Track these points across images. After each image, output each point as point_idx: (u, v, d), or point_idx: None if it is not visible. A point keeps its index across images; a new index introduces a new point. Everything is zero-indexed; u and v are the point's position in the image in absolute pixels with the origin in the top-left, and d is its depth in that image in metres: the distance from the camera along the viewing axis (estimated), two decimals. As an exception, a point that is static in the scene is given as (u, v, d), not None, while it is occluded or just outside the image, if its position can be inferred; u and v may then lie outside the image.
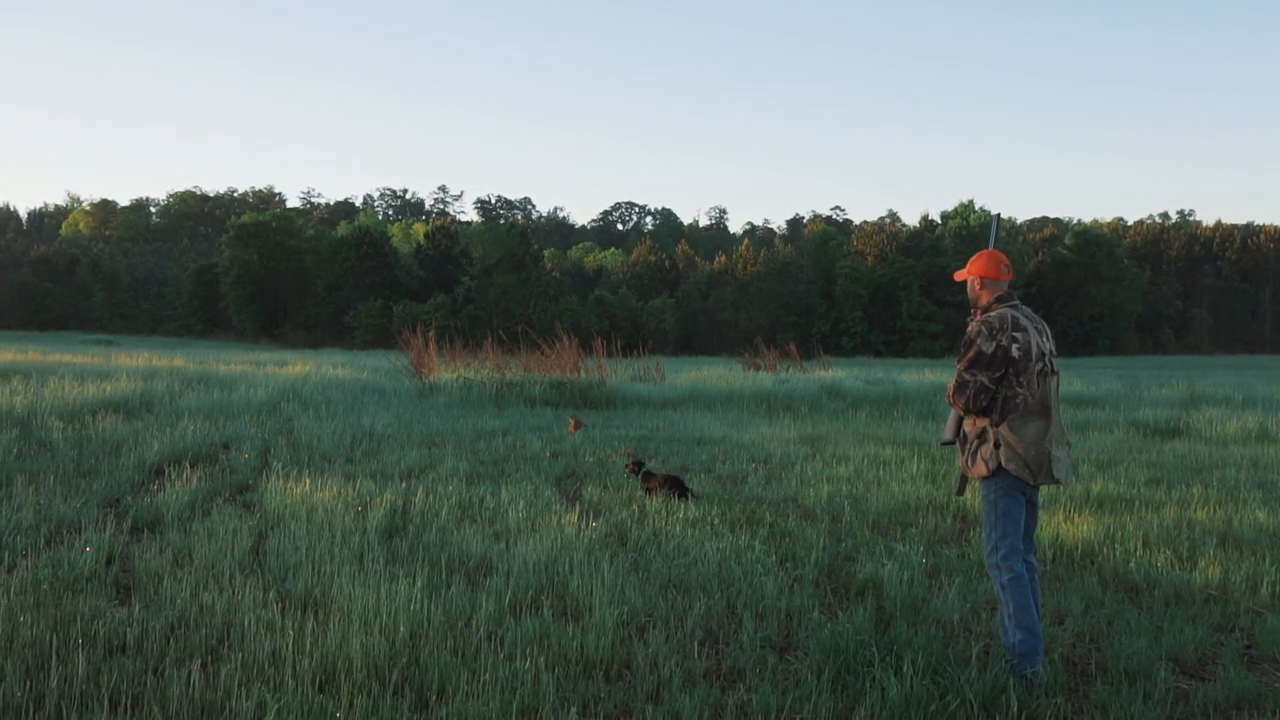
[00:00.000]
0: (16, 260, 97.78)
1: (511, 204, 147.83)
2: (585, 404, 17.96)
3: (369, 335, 73.30)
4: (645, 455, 11.33)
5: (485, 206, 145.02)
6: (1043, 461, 4.36)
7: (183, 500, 7.58)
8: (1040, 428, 4.36)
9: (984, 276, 4.62)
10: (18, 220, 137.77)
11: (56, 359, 24.92)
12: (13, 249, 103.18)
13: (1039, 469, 4.37)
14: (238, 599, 5.06)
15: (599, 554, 6.21)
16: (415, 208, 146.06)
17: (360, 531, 6.67)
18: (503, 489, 8.58)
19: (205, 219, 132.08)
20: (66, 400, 13.56)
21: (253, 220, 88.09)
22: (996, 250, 4.73)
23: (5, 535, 6.29)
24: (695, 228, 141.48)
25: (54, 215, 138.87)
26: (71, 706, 3.77)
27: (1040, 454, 4.36)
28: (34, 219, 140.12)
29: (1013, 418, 4.36)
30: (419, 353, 21.58)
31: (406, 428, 13.21)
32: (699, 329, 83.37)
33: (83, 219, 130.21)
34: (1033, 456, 4.35)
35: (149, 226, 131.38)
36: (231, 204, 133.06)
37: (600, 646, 4.56)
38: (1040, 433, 4.35)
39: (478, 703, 3.91)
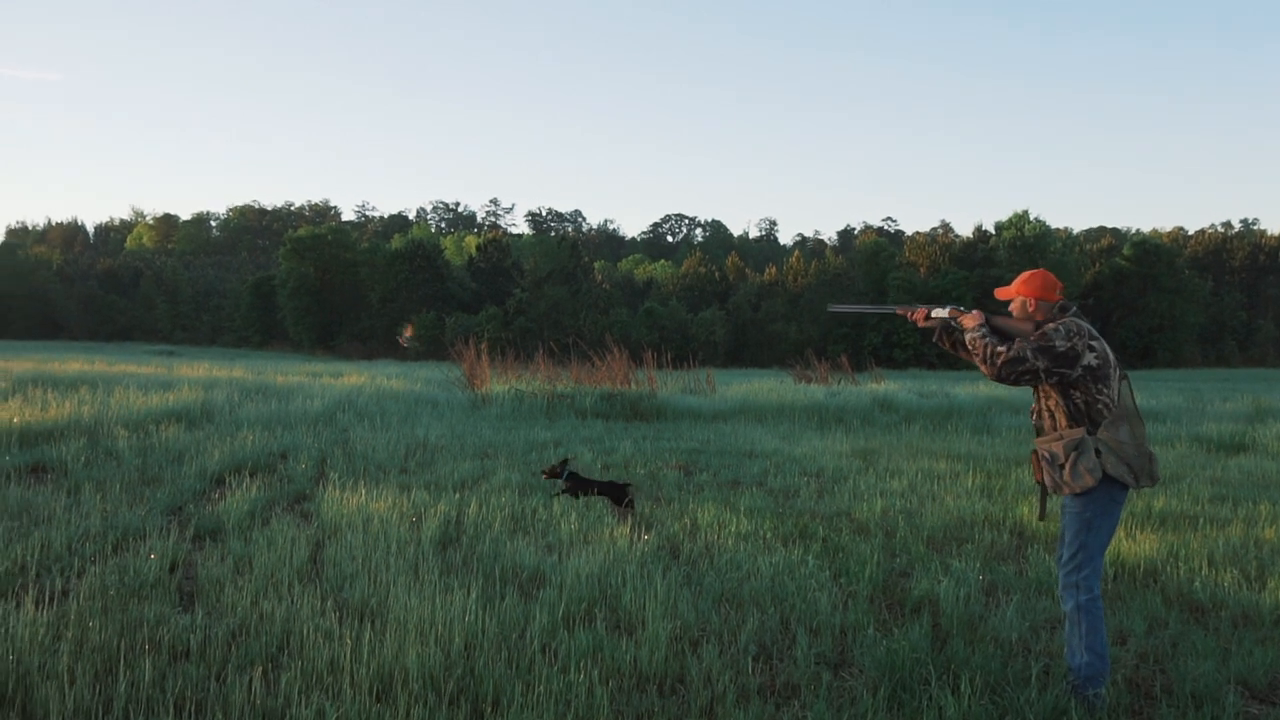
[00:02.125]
0: (84, 273, 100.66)
1: (562, 216, 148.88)
2: (636, 416, 17.98)
3: (422, 347, 74.13)
4: (696, 468, 11.32)
5: (536, 219, 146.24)
6: (1144, 462, 4.30)
7: (242, 509, 7.72)
8: (1133, 429, 4.31)
9: (1039, 298, 4.55)
10: (85, 234, 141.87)
11: (121, 369, 25.56)
12: (80, 262, 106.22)
13: (1141, 470, 4.29)
14: (296, 607, 5.14)
15: (651, 567, 6.21)
16: (467, 220, 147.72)
17: (415, 542, 6.74)
18: (555, 501, 8.61)
19: (263, 232, 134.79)
20: (131, 410, 13.90)
21: (309, 234, 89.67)
22: (1046, 270, 4.68)
23: (75, 541, 6.46)
24: (745, 239, 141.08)
25: (119, 229, 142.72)
26: (138, 710, 3.86)
27: (1141, 454, 4.30)
28: (100, 233, 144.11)
29: (1105, 423, 4.30)
30: (471, 364, 21.78)
31: (459, 439, 13.33)
32: (749, 341, 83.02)
33: (146, 233, 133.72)
34: (1134, 458, 4.28)
35: (209, 240, 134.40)
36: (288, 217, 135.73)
37: (654, 660, 4.55)
38: (1135, 434, 4.31)
39: (532, 715, 3.93)
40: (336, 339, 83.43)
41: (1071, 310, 4.49)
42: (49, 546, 6.22)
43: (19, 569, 5.73)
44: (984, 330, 4.53)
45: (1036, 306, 4.54)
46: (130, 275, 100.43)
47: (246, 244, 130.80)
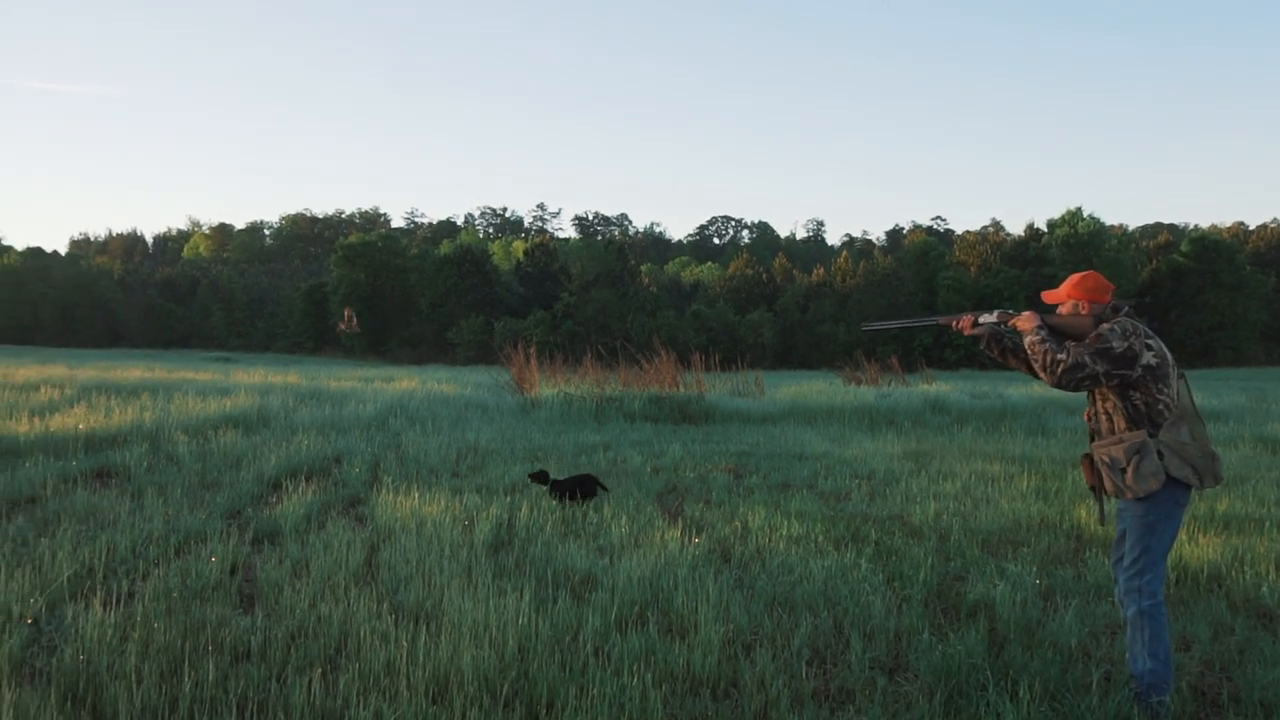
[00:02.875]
0: (144, 282, 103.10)
1: (609, 220, 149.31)
2: (685, 419, 17.97)
3: (471, 351, 74.77)
4: (746, 471, 11.28)
5: (583, 223, 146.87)
6: (1208, 462, 4.20)
7: (299, 513, 7.85)
8: (1193, 430, 4.22)
9: (1091, 300, 4.46)
10: (144, 244, 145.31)
11: (180, 376, 26.15)
12: (140, 272, 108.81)
13: (1206, 471, 4.20)
14: (353, 610, 5.21)
15: (703, 570, 6.20)
16: (514, 225, 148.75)
17: (468, 545, 6.80)
18: (605, 504, 8.64)
19: (315, 240, 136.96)
20: (190, 415, 14.21)
21: (359, 241, 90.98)
22: (1096, 272, 4.59)
23: (139, 544, 6.62)
24: (792, 240, 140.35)
25: (176, 239, 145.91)
26: (203, 710, 3.94)
27: (1205, 454, 4.20)
28: (159, 243, 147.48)
29: (1166, 424, 4.21)
30: (520, 368, 21.93)
31: (509, 442, 13.43)
32: (797, 343, 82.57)
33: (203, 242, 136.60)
34: (1198, 458, 4.19)
35: (263, 248, 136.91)
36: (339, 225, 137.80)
37: (707, 664, 4.55)
38: (1196, 434, 4.22)
39: (586, 718, 3.95)
40: (387, 344, 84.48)
41: (1123, 310, 4.41)
42: (115, 549, 6.38)
43: (87, 571, 5.88)
44: (1043, 334, 4.39)
45: (1089, 309, 4.45)
46: (187, 284, 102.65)
47: (299, 252, 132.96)
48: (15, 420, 12.43)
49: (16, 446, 10.66)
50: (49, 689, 4.00)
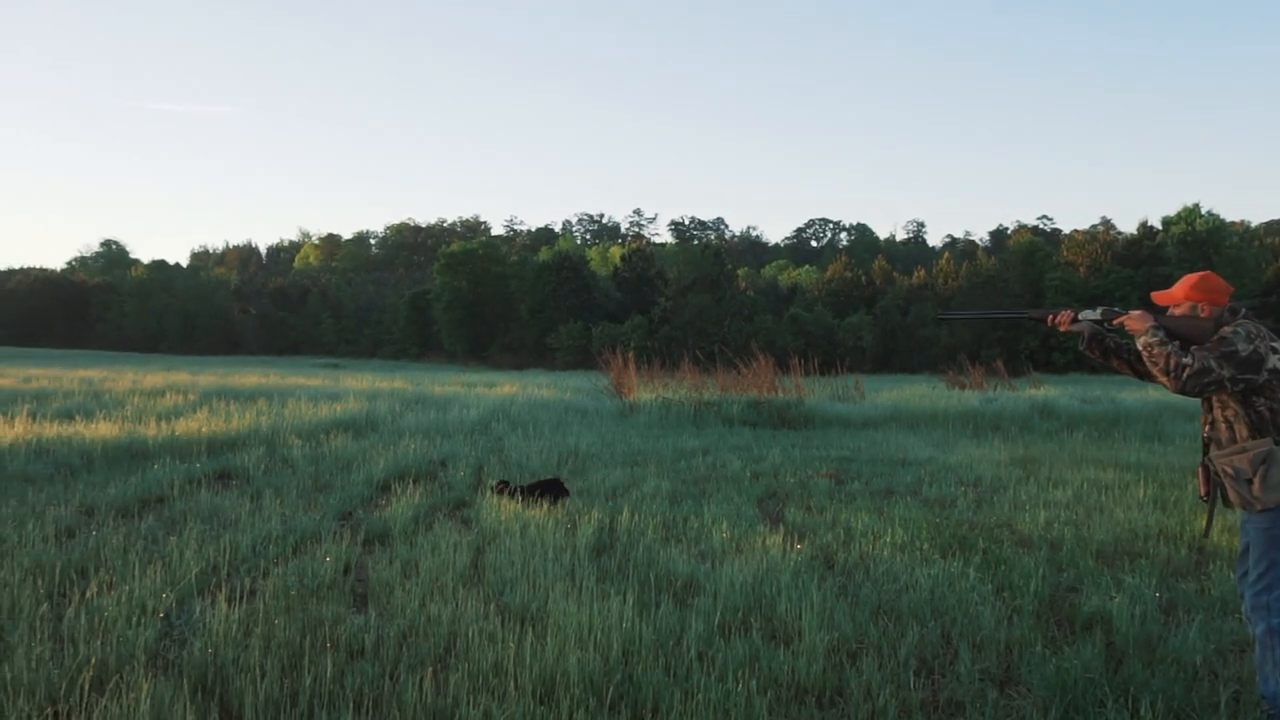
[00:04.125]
0: (258, 291, 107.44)
1: (705, 224, 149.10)
2: (784, 423, 17.83)
3: (570, 356, 75.57)
4: (847, 476, 11.14)
5: (679, 228, 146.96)
6: None
7: (407, 515, 8.07)
8: None
9: (1210, 302, 4.26)
10: (258, 256, 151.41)
11: (293, 382, 27.14)
12: (254, 282, 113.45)
13: None
14: (461, 610, 5.33)
15: (806, 577, 6.15)
16: (611, 231, 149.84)
17: (570, 549, 6.89)
18: (705, 509, 8.65)
19: (418, 248, 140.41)
20: (303, 420, 14.75)
21: (461, 249, 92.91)
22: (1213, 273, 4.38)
23: (259, 544, 6.90)
24: (892, 242, 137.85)
25: (288, 250, 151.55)
26: (322, 705, 4.09)
27: None
28: (272, 254, 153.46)
29: None
30: (618, 373, 22.08)
31: (609, 447, 13.54)
32: (898, 346, 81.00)
33: (312, 252, 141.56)
34: None
35: (369, 257, 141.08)
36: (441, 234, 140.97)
37: (812, 671, 4.51)
38: None
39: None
40: (488, 350, 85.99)
41: (1242, 313, 4.21)
42: (237, 548, 6.66)
43: (212, 569, 6.16)
44: (1160, 335, 4.21)
45: (1209, 311, 4.26)
46: (299, 293, 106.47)
47: (403, 260, 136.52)
48: (144, 424, 13.10)
49: (146, 449, 11.24)
50: (181, 680, 4.21)
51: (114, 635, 4.70)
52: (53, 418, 13.96)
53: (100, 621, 4.91)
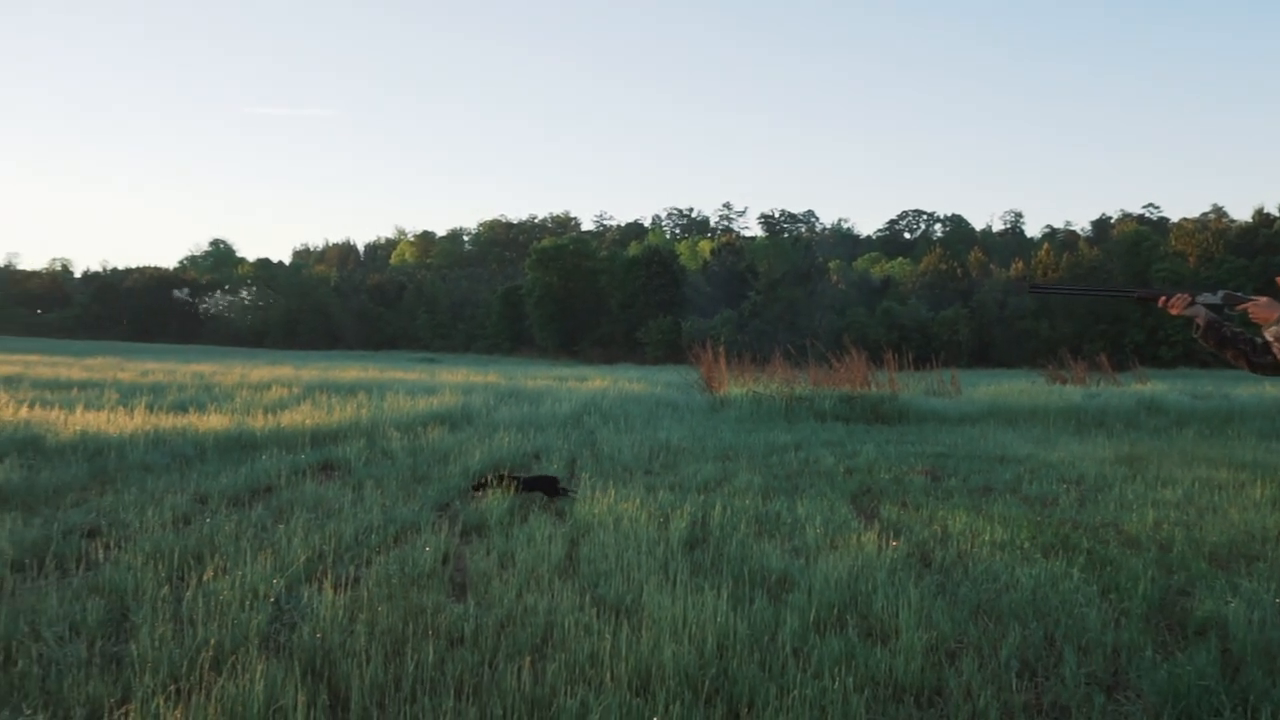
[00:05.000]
0: (356, 288, 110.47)
1: (795, 217, 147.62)
2: (877, 419, 17.57)
3: (660, 350, 75.81)
4: (944, 473, 10.93)
5: (769, 221, 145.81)
6: None
7: (502, 507, 8.21)
8: None
9: None
10: (356, 253, 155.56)
11: (391, 376, 27.85)
12: (353, 278, 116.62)
13: None
14: (557, 602, 5.41)
15: (902, 574, 6.06)
16: (701, 225, 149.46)
17: (663, 542, 6.92)
18: (798, 504, 8.59)
19: (510, 245, 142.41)
20: (401, 413, 15.13)
21: (552, 244, 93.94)
22: None
23: (361, 533, 7.11)
24: (988, 233, 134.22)
25: (385, 247, 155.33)
26: (424, 690, 4.20)
27: None
28: (369, 251, 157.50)
29: None
30: (709, 367, 22.06)
31: (700, 441, 13.55)
32: (995, 340, 79.01)
33: (408, 249, 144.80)
34: None
35: (462, 254, 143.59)
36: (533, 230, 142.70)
37: (909, 670, 4.45)
38: None
39: (787, 718, 3.95)
40: (579, 344, 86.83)
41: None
42: (341, 537, 6.88)
43: (318, 556, 6.37)
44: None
45: None
46: (395, 289, 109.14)
47: (495, 256, 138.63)
48: (252, 416, 13.61)
49: (254, 440, 11.68)
50: (291, 662, 4.38)
51: (229, 618, 4.91)
52: (168, 410, 14.61)
53: (216, 605, 5.13)
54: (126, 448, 10.49)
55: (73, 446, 10.34)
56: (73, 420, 12.10)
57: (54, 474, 8.92)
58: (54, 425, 11.56)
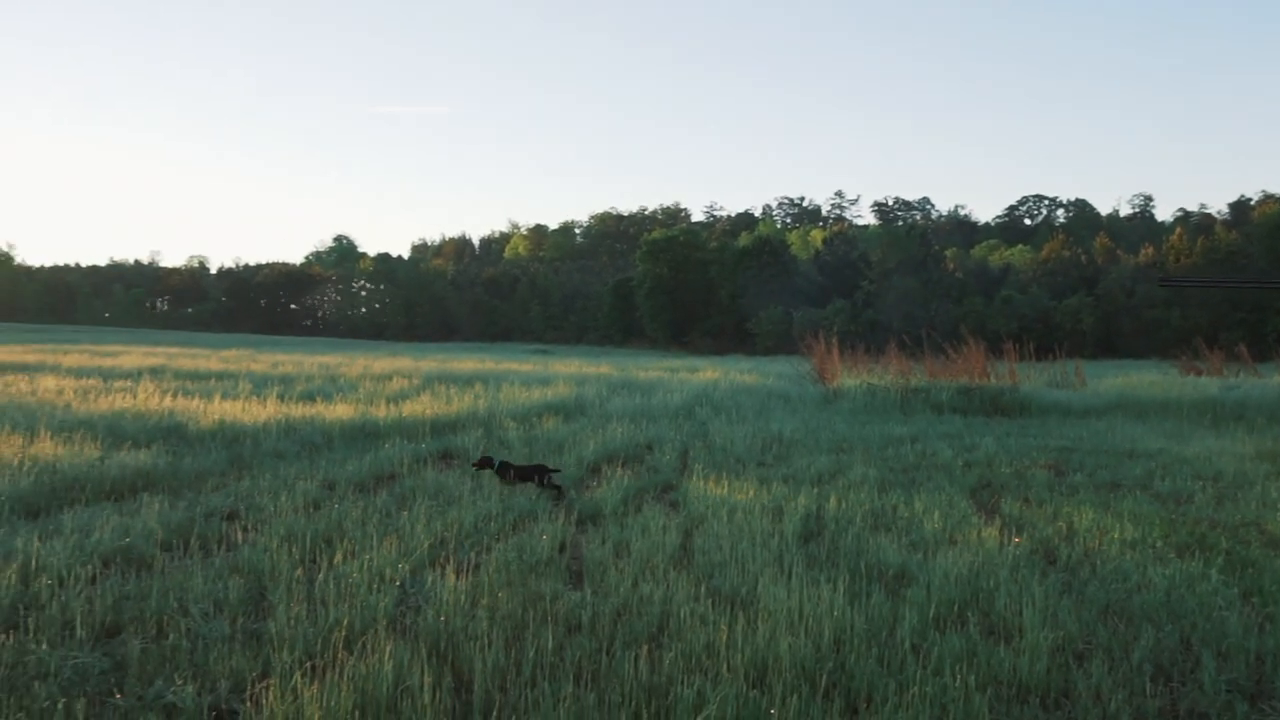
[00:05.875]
0: (471, 281, 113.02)
1: (909, 205, 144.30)
2: (997, 411, 17.08)
3: (770, 341, 75.19)
4: (1068, 468, 10.56)
5: (882, 209, 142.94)
6: None
7: (616, 496, 8.31)
8: None
9: None
10: (472, 247, 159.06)
11: (505, 367, 28.43)
12: (469, 272, 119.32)
13: None
14: (672, 592, 5.45)
15: (1026, 572, 5.90)
16: (812, 215, 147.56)
17: (778, 534, 6.90)
18: (915, 498, 8.43)
19: (621, 237, 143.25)
20: (516, 403, 15.44)
21: (662, 236, 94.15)
22: None
23: (480, 521, 7.31)
24: (1115, 218, 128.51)
25: (499, 241, 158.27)
26: (543, 676, 4.30)
27: None
28: (484, 245, 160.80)
29: None
30: (821, 358, 21.81)
31: (813, 433, 13.41)
32: (1122, 330, 75.60)
33: (521, 243, 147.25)
34: None
35: (574, 246, 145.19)
36: (643, 221, 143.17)
37: (1034, 671, 4.33)
38: None
39: (907, 715, 3.90)
40: (689, 335, 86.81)
41: None
42: (461, 524, 7.08)
43: (440, 542, 6.58)
44: None
45: None
46: (509, 282, 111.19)
47: (606, 248, 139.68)
48: (375, 406, 14.11)
49: (377, 429, 12.11)
50: (417, 644, 4.54)
51: (358, 600, 5.12)
52: (297, 399, 15.26)
53: (346, 587, 5.36)
54: (260, 436, 11.01)
55: (212, 434, 10.91)
56: (211, 409, 12.77)
57: (195, 460, 9.44)
58: (195, 414, 12.23)
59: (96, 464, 8.71)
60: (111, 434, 10.56)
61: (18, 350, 30.75)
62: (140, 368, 22.49)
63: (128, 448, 9.73)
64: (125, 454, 9.29)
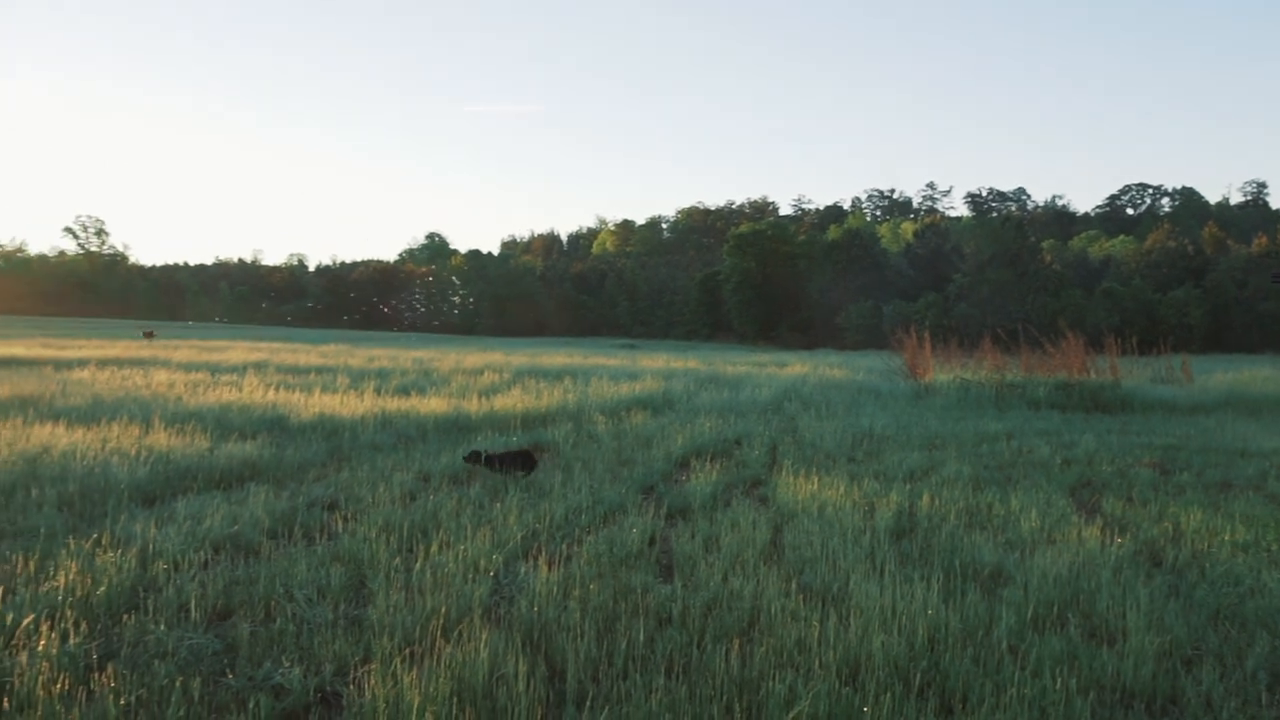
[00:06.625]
0: (560, 277, 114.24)
1: (1004, 196, 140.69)
2: (1097, 407, 16.54)
3: (860, 335, 74.18)
4: (1174, 467, 10.18)
5: (976, 200, 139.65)
6: None
7: (705, 491, 8.31)
8: None
9: None
10: (560, 243, 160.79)
11: (594, 362, 28.65)
12: (557, 267, 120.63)
13: None
14: (762, 587, 5.44)
15: (1129, 573, 5.71)
16: (902, 207, 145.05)
17: (869, 531, 6.81)
18: (1011, 496, 8.23)
19: (708, 231, 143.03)
20: (605, 398, 15.56)
21: (749, 230, 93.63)
22: None
23: (570, 513, 7.39)
24: (1225, 206, 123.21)
25: (586, 236, 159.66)
26: (635, 667, 4.34)
27: None
28: (572, 240, 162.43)
29: None
30: (912, 353, 21.43)
31: (904, 429, 13.20)
32: (1232, 323, 72.35)
33: (608, 238, 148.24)
34: None
35: (661, 241, 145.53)
36: (730, 216, 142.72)
37: (1139, 675, 4.20)
38: None
39: (1005, 717, 3.82)
40: (777, 329, 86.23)
41: None
42: (552, 516, 7.18)
43: (531, 534, 6.68)
44: None
45: None
46: (597, 277, 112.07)
47: (693, 243, 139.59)
48: (467, 400, 14.38)
49: (470, 423, 12.35)
50: (511, 634, 4.62)
51: (454, 589, 5.24)
52: (393, 393, 15.66)
53: (442, 576, 5.48)
54: (358, 428, 11.33)
55: (312, 427, 11.28)
56: (311, 403, 13.19)
57: (297, 451, 9.77)
58: (296, 407, 12.65)
59: (206, 454, 9.09)
60: (219, 426, 11.01)
61: (133, 346, 32.22)
62: (244, 362, 23.35)
63: (234, 439, 10.13)
64: (232, 445, 9.67)
